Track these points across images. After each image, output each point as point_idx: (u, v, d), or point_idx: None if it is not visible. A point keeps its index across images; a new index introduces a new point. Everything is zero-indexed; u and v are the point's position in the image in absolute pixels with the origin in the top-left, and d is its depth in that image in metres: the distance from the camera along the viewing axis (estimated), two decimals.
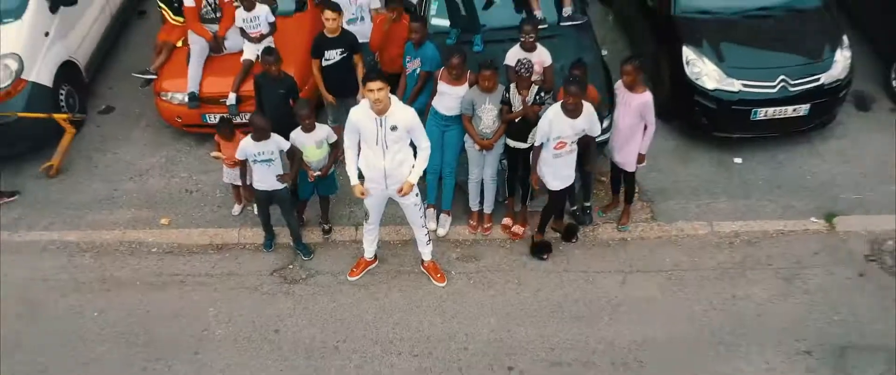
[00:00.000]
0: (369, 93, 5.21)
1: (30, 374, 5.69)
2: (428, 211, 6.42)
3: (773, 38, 7.16)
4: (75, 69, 7.87)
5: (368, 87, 5.20)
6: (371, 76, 5.24)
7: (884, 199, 6.78)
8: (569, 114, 5.63)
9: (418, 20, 6.49)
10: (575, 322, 5.91)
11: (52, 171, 7.30)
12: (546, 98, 6.09)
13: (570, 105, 5.60)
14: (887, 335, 5.66)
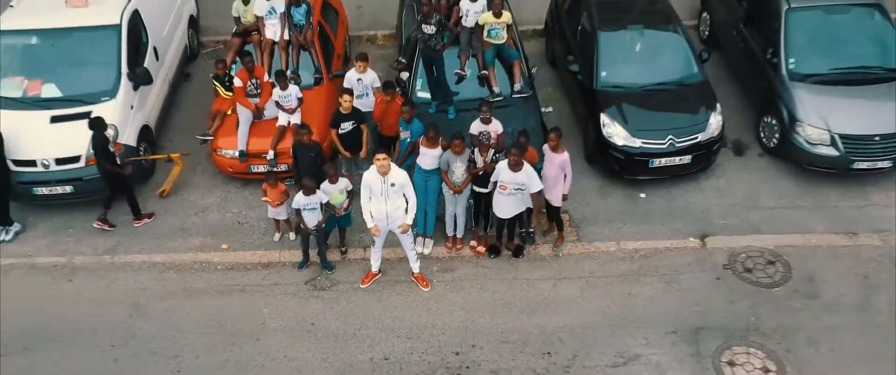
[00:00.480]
0: (377, 161, 7.87)
1: (144, 357, 8.27)
2: (417, 238, 9.06)
3: (666, 106, 9.85)
4: (149, 129, 10.47)
5: (377, 158, 7.87)
6: (379, 151, 7.92)
7: (744, 224, 9.49)
8: (511, 169, 8.27)
9: (408, 103, 9.14)
10: (519, 314, 8.56)
11: (165, 194, 9.92)
12: (499, 156, 8.74)
13: (512, 162, 8.24)
14: (728, 319, 8.35)
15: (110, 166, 9.13)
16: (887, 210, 9.57)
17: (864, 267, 8.92)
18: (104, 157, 9.08)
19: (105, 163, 9.10)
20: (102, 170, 9.19)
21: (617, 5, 11.09)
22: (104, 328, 8.56)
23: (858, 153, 9.49)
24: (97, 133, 9.01)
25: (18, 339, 8.43)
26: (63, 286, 9.13)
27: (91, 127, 9.02)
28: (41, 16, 10.23)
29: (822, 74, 9.92)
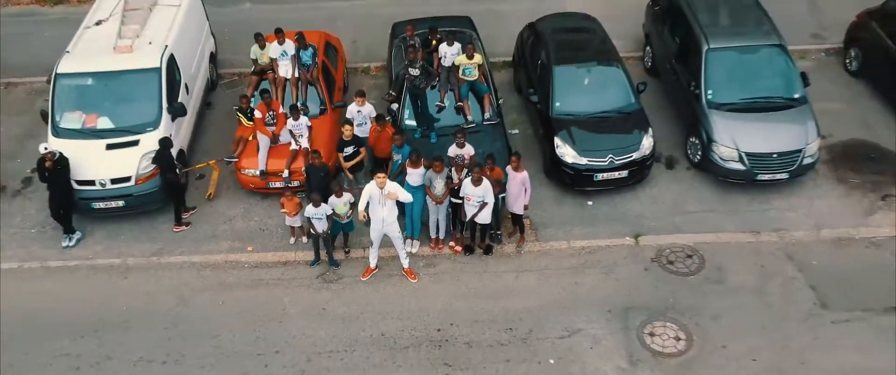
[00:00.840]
0: (377, 178, 10.11)
1: (190, 337, 10.44)
2: (406, 240, 11.28)
3: (607, 130, 12.12)
4: (183, 152, 12.64)
5: (377, 176, 10.11)
6: (377, 171, 10.16)
7: (670, 226, 11.78)
8: (473, 184, 10.49)
9: (399, 132, 11.40)
10: (488, 299, 10.81)
11: (212, 197, 12.16)
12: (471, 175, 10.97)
13: (474, 179, 10.47)
14: (651, 300, 10.63)
15: (172, 176, 11.44)
16: (785, 212, 11.89)
17: (763, 259, 11.23)
18: (169, 169, 11.43)
19: (169, 173, 11.44)
20: (166, 179, 11.50)
21: (570, 44, 13.39)
22: (157, 314, 10.74)
23: (760, 167, 11.80)
24: (164, 150, 11.31)
25: (89, 324, 10.60)
26: (120, 282, 11.31)
27: (161, 144, 11.36)
28: (93, 60, 12.40)
29: (734, 103, 12.23)
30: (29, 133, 14.08)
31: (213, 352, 10.20)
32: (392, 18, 15.32)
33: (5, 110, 14.80)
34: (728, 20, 13.35)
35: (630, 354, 9.96)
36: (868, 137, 13.21)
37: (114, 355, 10.20)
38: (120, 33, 12.78)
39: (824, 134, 12.92)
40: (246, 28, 15.97)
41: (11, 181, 13.08)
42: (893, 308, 10.39)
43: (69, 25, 16.59)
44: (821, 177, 12.43)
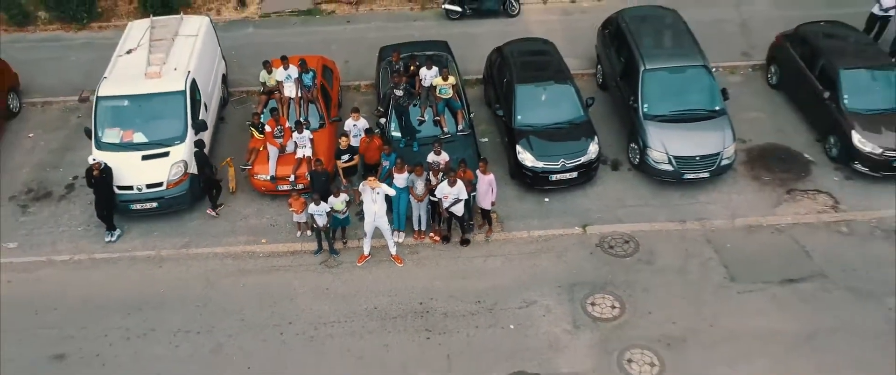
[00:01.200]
0: (370, 181, 12.53)
1: (218, 313, 12.78)
2: (394, 231, 13.67)
3: (560, 138, 14.56)
4: None
5: (368, 179, 12.53)
6: (368, 176, 12.57)
7: (612, 217, 14.23)
8: (449, 185, 12.91)
9: (387, 143, 13.81)
10: (461, 279, 13.21)
11: (234, 190, 14.58)
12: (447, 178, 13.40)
13: (449, 180, 12.89)
14: (594, 277, 13.06)
15: (209, 172, 14.02)
16: (707, 205, 14.38)
17: (687, 243, 13.72)
18: (206, 166, 14.01)
19: (206, 169, 14.00)
20: (204, 175, 13.98)
21: (530, 66, 15.85)
22: (189, 296, 13.09)
23: (686, 168, 14.30)
24: (200, 151, 13.95)
25: (133, 304, 12.93)
26: (155, 270, 13.65)
27: (197, 146, 13.99)
28: (128, 85, 14.72)
29: (665, 115, 14.71)
30: (66, 146, 16.43)
31: (237, 324, 12.56)
32: (379, 42, 17.79)
33: (44, 126, 17.09)
34: (662, 45, 15.86)
35: (574, 320, 12.40)
36: (781, 142, 15.75)
37: (156, 327, 12.54)
38: (149, 61, 15.11)
39: (744, 139, 15.57)
40: (250, 50, 18.54)
41: (57, 187, 15.39)
42: (788, 280, 12.89)
43: (93, 50, 19.19)
44: (738, 175, 14.95)
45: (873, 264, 13.11)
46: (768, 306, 12.51)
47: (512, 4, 19.67)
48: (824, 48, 15.71)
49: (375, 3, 20.59)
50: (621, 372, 11.59)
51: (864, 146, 14.34)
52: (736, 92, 16.50)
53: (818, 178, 14.87)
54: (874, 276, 12.86)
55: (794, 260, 13.26)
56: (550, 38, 17.44)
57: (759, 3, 19.95)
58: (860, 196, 14.43)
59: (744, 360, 11.66)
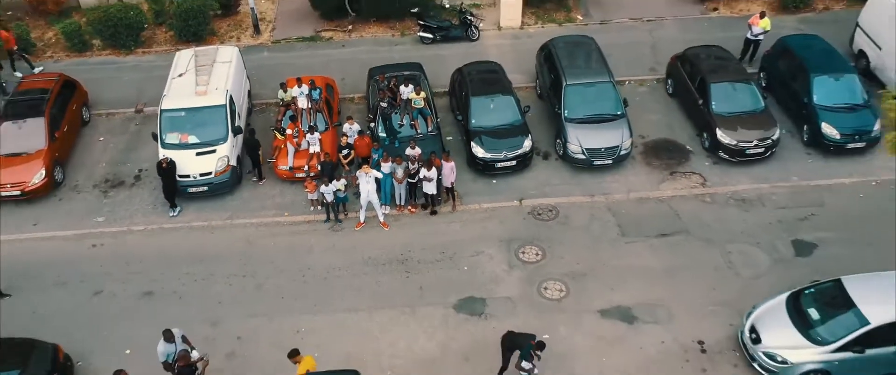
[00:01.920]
0: (364, 168, 17.89)
1: (256, 264, 18.02)
2: (382, 205, 18.96)
3: (503, 136, 19.89)
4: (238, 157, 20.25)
5: (363, 166, 17.90)
6: (362, 165, 17.92)
7: (541, 193, 19.57)
8: (427, 170, 18.25)
9: (375, 140, 19.19)
10: (431, 238, 18.49)
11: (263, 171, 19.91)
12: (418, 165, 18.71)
13: (427, 168, 18.24)
14: (525, 235, 18.39)
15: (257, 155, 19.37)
16: (611, 183, 19.75)
17: (593, 210, 19.08)
18: (255, 150, 19.44)
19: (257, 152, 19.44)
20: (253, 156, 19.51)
21: (482, 82, 21.15)
22: (235, 252, 18.31)
23: (595, 157, 19.69)
24: (251, 137, 19.50)
25: (195, 258, 18.14)
26: (209, 236, 18.87)
27: (249, 133, 19.56)
28: (183, 100, 19.92)
29: (580, 118, 20.09)
30: (130, 147, 21.62)
31: (272, 271, 17.80)
32: (369, 62, 23.10)
33: (111, 132, 22.27)
34: (580, 65, 21.23)
35: (509, 263, 17.73)
36: (670, 136, 21.18)
37: (214, 273, 17.77)
38: (197, 82, 20.33)
39: (643, 134, 20.99)
40: (266, 70, 23.79)
41: (127, 177, 20.58)
42: (662, 234, 18.28)
43: (140, 71, 24.37)
44: (635, 162, 20.35)
45: (723, 223, 18.54)
46: (645, 252, 17.91)
47: (473, 31, 25.04)
48: (701, 66, 21.16)
49: (365, 30, 25.91)
50: (539, 296, 16.96)
51: (725, 139, 19.78)
52: (642, 99, 22.05)
53: (693, 163, 20.33)
54: (722, 231, 18.30)
55: (668, 221, 18.68)
56: (502, 59, 22.87)
57: (667, 29, 25.43)
58: (722, 175, 19.89)
59: (623, 286, 17.04)
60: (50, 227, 19.10)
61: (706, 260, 17.62)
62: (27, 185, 19.46)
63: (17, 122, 20.31)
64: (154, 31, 25.98)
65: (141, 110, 22.82)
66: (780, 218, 18.55)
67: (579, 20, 26.09)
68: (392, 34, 25.85)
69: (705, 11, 26.29)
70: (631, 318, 16.38)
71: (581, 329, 16.23)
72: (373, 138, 19.62)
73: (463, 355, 15.77)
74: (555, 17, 26.14)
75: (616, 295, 16.92)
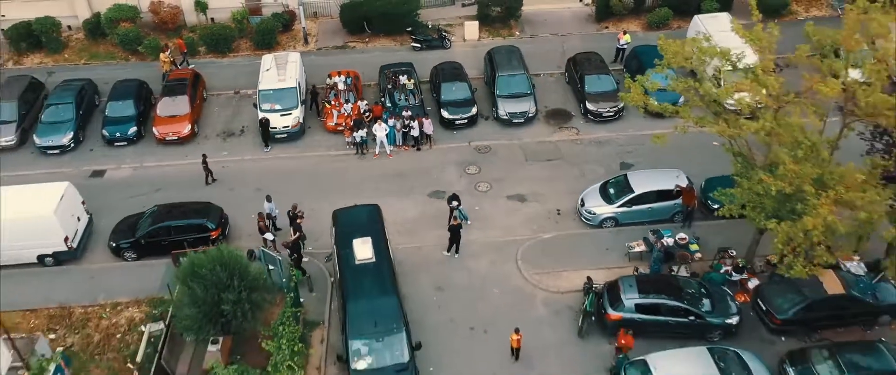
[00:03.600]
0: (378, 122, 32.29)
1: (319, 180, 32.28)
2: (389, 146, 33.24)
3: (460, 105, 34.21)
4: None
5: (378, 122, 32.32)
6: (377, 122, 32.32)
7: (483, 137, 33.90)
8: (418, 123, 32.55)
9: (384, 108, 33.59)
10: (416, 162, 32.78)
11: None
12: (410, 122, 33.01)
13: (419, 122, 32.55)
14: (470, 159, 32.69)
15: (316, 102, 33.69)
16: (522, 132, 34.02)
17: (511, 149, 33.38)
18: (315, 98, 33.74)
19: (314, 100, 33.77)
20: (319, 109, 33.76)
21: (449, 74, 35.48)
22: (305, 172, 32.54)
23: (514, 117, 33.98)
24: (314, 95, 33.67)
25: (285, 175, 32.41)
26: (289, 162, 33.13)
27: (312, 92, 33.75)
28: (271, 84, 34.23)
29: (506, 94, 34.37)
30: (234, 114, 35.99)
31: (329, 184, 31.98)
32: (380, 61, 37.50)
33: (220, 106, 36.62)
34: (507, 63, 35.51)
35: (460, 174, 31.95)
36: (562, 107, 35.49)
37: (292, 181, 31.99)
38: (278, 74, 34.62)
39: (545, 105, 35.33)
40: (314, 68, 38.16)
41: (236, 130, 34.90)
42: (548, 159, 32.54)
43: (233, 68, 38.91)
44: (539, 121, 34.61)
45: (585, 154, 32.78)
46: (537, 168, 32.17)
47: (447, 42, 39.37)
48: (582, 65, 35.50)
49: (376, 42, 40.26)
50: (475, 190, 31.19)
51: (591, 108, 34.09)
52: (550, 85, 36.40)
53: (573, 122, 34.61)
54: (583, 158, 32.54)
55: (553, 153, 32.95)
56: (463, 60, 37.29)
57: (573, 40, 39.75)
58: (588, 129, 34.19)
59: (522, 185, 31.24)
60: (195, 157, 33.32)
61: (571, 173, 31.87)
62: (180, 134, 33.77)
63: (171, 97, 34.65)
64: (239, 42, 40.30)
65: (238, 92, 37.14)
66: (617, 151, 32.84)
67: (517, 35, 40.45)
68: (394, 44, 40.21)
69: (599, 29, 40.64)
70: (524, 199, 30.67)
71: (497, 205, 30.49)
72: (382, 107, 33.92)
73: (431, 217, 29.97)
74: (501, 33, 40.52)
75: (517, 189, 31.18)
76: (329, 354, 24.56)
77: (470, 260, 27.93)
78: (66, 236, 27.59)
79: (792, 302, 24.12)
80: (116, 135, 33.88)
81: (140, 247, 28.13)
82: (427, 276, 27.28)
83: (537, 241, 28.60)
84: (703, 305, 24.25)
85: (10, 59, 40.03)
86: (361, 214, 26.88)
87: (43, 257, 27.88)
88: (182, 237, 27.59)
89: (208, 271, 22.14)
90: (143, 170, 32.83)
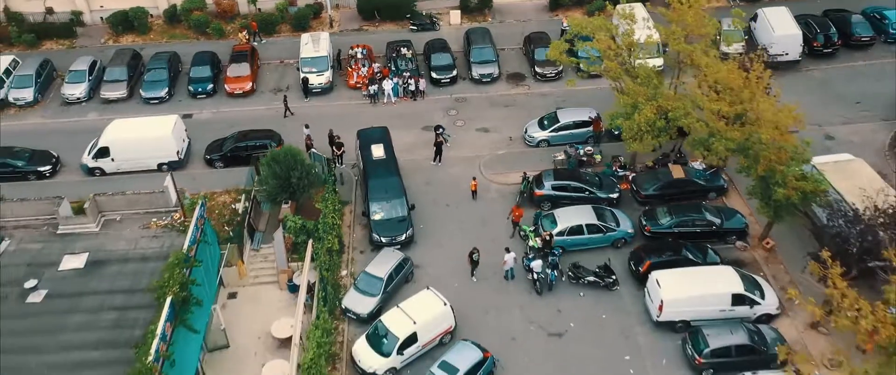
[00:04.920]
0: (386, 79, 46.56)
1: (350, 117, 46.43)
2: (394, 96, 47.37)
3: (445, 69, 48.41)
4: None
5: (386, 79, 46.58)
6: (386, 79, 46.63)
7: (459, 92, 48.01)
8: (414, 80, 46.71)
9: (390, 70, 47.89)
10: (414, 108, 46.95)
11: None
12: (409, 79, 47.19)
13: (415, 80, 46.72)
14: (455, 108, 46.83)
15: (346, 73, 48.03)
16: (490, 89, 48.15)
17: (480, 100, 47.50)
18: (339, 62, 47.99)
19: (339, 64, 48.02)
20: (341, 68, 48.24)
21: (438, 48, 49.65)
22: (331, 115, 46.66)
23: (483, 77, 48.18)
24: (339, 62, 47.92)
25: (318, 117, 46.59)
26: (322, 108, 47.29)
27: (337, 59, 48.19)
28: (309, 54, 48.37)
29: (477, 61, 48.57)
30: (279, 78, 50.27)
31: (351, 123, 45.73)
32: (386, 39, 51.82)
33: (270, 72, 50.84)
34: (479, 40, 49.67)
35: (444, 115, 46.08)
36: (519, 71, 49.66)
37: (323, 119, 46.06)
38: (313, 47, 48.81)
39: (507, 70, 49.59)
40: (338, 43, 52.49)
41: (282, 87, 49.09)
42: (504, 106, 46.63)
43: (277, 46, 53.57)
44: (502, 80, 48.70)
45: (532, 102, 46.82)
46: (498, 112, 46.33)
47: (437, 25, 53.63)
48: (533, 40, 49.68)
49: (383, 26, 54.54)
50: (453, 124, 45.31)
51: (538, 71, 48.27)
52: (511, 56, 50.61)
53: (526, 81, 48.74)
54: (531, 106, 46.59)
55: (509, 101, 47.11)
56: (448, 38, 51.52)
57: (532, 25, 53.81)
58: (538, 86, 48.42)
59: (486, 122, 45.42)
60: (257, 105, 47.33)
61: (521, 114, 45.96)
62: (244, 89, 48.01)
63: (237, 64, 48.90)
64: (281, 25, 54.53)
65: (282, 62, 51.34)
66: (555, 100, 46.92)
67: (489, 20, 54.66)
68: (397, 27, 54.53)
69: (552, 17, 54.82)
70: (487, 130, 44.86)
71: (468, 134, 44.64)
72: (389, 69, 48.12)
73: (423, 142, 43.96)
74: (477, 19, 54.77)
75: (483, 124, 45.37)
76: (355, 218, 38.64)
77: (448, 167, 42.04)
78: (177, 150, 41.72)
79: (652, 184, 38.19)
80: (198, 90, 48.10)
81: (226, 159, 42.24)
82: (420, 176, 41.36)
83: (494, 156, 42.71)
84: (596, 187, 38.30)
85: (109, 38, 54.26)
86: (376, 131, 41.03)
87: (161, 165, 41.96)
88: (254, 151, 41.66)
89: (282, 158, 36.22)
90: (219, 114, 47.00)
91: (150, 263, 30.72)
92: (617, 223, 36.11)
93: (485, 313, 33.51)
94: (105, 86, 48.14)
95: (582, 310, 33.43)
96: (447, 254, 36.41)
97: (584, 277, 33.95)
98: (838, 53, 48.82)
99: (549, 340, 32.36)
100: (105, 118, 45.27)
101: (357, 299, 33.34)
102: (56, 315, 28.40)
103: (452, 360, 29.54)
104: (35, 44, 53.29)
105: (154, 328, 26.65)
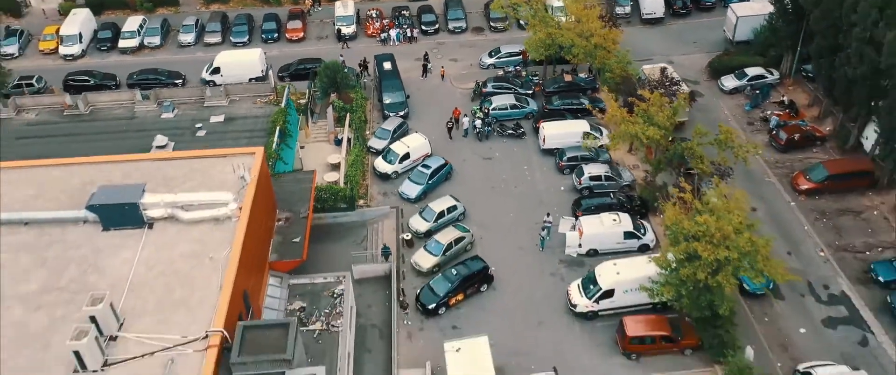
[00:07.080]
0: (392, 29, 73.29)
1: (366, 53, 72.84)
2: (398, 41, 73.80)
3: None
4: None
5: (392, 29, 73.36)
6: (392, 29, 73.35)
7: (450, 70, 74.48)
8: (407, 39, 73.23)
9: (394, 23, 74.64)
10: (410, 48, 73.39)
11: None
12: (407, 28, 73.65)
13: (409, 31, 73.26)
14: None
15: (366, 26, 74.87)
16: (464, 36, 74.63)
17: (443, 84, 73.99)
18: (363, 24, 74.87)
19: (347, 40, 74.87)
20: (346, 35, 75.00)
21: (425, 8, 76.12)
22: (359, 53, 73.20)
23: (457, 29, 74.64)
24: (360, 19, 74.70)
25: (351, 54, 73.13)
26: (352, 50, 73.79)
27: (359, 16, 74.93)
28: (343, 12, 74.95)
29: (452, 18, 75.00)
30: (321, 29, 76.82)
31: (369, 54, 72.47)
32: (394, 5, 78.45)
33: (315, 25, 77.40)
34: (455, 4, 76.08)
35: (428, 51, 72.57)
36: (480, 25, 76.14)
37: (354, 53, 72.56)
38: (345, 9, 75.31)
39: (472, 25, 76.09)
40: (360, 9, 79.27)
41: (324, 36, 75.58)
42: (470, 47, 73.03)
43: (321, 12, 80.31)
44: (468, 32, 75.19)
45: (486, 44, 73.26)
46: (462, 50, 72.85)
47: None
48: (488, 5, 76.19)
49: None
50: (435, 57, 71.73)
51: (494, 25, 74.77)
52: (476, 17, 77.11)
53: (485, 32, 75.19)
54: (484, 47, 73.01)
55: (472, 45, 73.57)
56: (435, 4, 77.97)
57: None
58: (491, 35, 74.83)
59: (456, 55, 71.93)
60: (307, 47, 73.75)
61: (480, 51, 72.35)
62: (299, 36, 74.90)
63: (294, 20, 75.66)
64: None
65: (322, 20, 77.90)
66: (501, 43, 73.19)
67: None
68: None
69: None
70: (456, 60, 71.53)
71: (444, 62, 71.07)
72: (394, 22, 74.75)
73: (415, 68, 70.27)
74: None
75: (455, 56, 72.04)
76: (373, 107, 65.22)
77: (430, 80, 68.67)
78: (262, 69, 68.29)
79: (552, 84, 64.87)
80: (269, 37, 74.91)
81: (293, 76, 68.79)
82: (413, 86, 67.72)
83: (459, 74, 69.22)
84: (520, 87, 64.84)
85: (202, 6, 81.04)
86: (387, 56, 67.93)
87: (251, 79, 68.45)
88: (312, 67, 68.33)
89: (331, 67, 62.87)
90: (283, 52, 73.43)
91: (260, 120, 57.28)
92: (528, 104, 62.66)
93: (449, 150, 59.99)
94: (207, 35, 75.00)
95: (503, 147, 60.01)
96: (432, 122, 62.90)
97: (505, 131, 60.44)
98: (691, 13, 75.55)
99: (484, 162, 58.85)
100: (208, 55, 71.84)
101: (375, 142, 60.04)
102: (211, 141, 54.91)
103: (427, 162, 56.24)
104: (152, 10, 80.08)
105: (271, 140, 53.22)
